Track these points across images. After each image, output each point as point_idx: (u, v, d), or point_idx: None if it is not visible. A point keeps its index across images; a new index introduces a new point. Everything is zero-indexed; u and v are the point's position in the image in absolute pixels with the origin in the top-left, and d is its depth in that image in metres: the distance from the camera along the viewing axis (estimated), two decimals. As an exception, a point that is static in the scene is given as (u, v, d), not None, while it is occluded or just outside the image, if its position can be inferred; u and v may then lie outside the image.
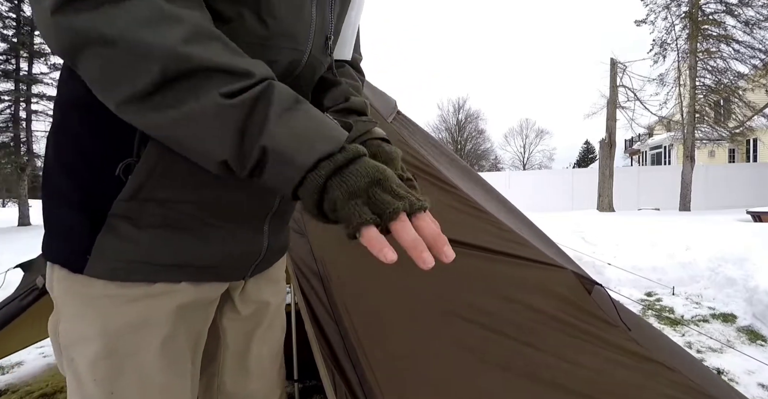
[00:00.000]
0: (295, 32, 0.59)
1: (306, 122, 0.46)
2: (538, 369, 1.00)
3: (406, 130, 1.74)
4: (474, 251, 1.22)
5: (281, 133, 0.44)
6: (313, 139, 0.45)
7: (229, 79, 0.44)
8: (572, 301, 1.11)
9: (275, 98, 0.45)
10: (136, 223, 0.57)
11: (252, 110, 0.44)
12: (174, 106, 0.44)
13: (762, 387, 2.63)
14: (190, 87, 0.43)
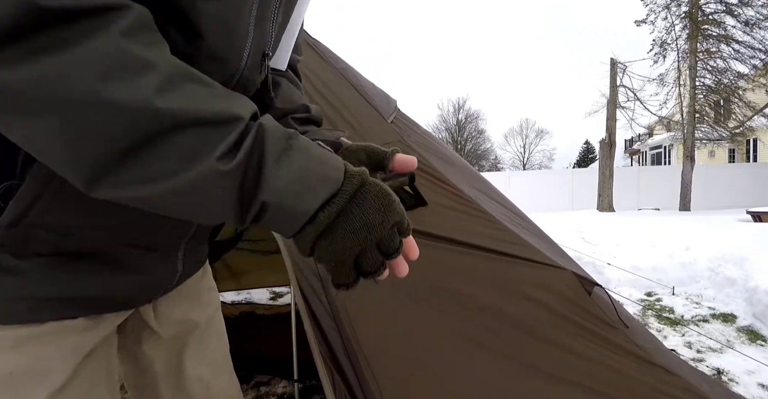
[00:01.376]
0: (225, 54, 0.50)
1: (303, 163, 0.42)
2: (539, 362, 1.00)
3: (406, 130, 1.74)
4: (474, 251, 1.22)
5: (280, 183, 0.40)
6: (313, 183, 0.42)
7: (220, 133, 0.38)
8: (573, 300, 1.11)
9: (269, 144, 0.40)
10: (19, 253, 0.47)
11: (248, 165, 0.39)
12: (162, 178, 0.37)
13: (762, 387, 2.63)
14: (178, 151, 0.36)
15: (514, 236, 1.28)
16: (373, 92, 1.88)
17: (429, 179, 1.43)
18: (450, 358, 1.01)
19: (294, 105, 0.70)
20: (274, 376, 2.57)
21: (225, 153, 0.38)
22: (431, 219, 1.30)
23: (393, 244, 0.48)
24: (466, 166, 1.95)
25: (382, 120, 1.69)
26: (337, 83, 1.77)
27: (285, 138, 0.42)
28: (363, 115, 1.67)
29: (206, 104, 0.38)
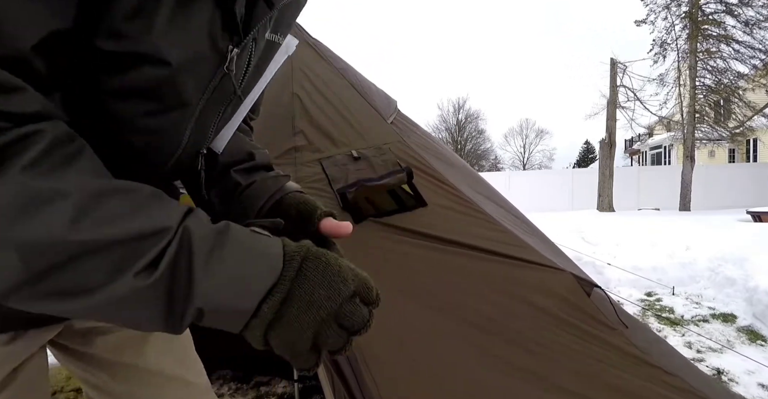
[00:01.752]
0: (154, 157, 0.48)
1: (238, 258, 0.39)
2: (538, 364, 1.00)
3: (406, 131, 1.74)
4: (473, 252, 1.22)
5: (213, 287, 0.37)
6: (250, 280, 0.39)
7: (139, 250, 0.36)
8: (572, 302, 1.11)
9: (196, 247, 0.38)
10: None
11: (174, 275, 0.37)
12: (81, 294, 0.35)
13: (762, 387, 2.63)
14: (93, 271, 0.34)
15: (513, 237, 1.28)
16: (374, 92, 1.88)
17: (428, 180, 1.43)
18: (448, 360, 1.01)
19: (238, 156, 0.67)
20: (274, 376, 2.57)
21: (144, 268, 0.36)
22: (430, 220, 1.30)
23: (356, 317, 0.43)
24: (465, 168, 1.95)
25: (382, 120, 1.69)
26: (337, 83, 1.77)
27: (214, 235, 0.39)
28: (363, 116, 1.67)
29: (124, 225, 0.36)
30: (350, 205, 1.32)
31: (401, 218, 1.30)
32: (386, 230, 1.27)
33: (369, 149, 1.49)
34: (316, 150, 1.51)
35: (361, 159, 1.44)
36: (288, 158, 1.50)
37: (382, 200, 1.42)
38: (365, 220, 1.30)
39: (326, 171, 1.43)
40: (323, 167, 1.44)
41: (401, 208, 1.35)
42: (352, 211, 1.31)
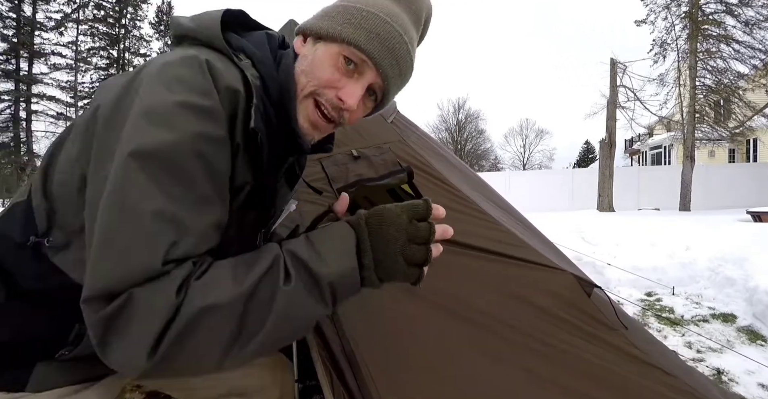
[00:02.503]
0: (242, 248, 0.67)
1: (324, 245, 0.61)
2: (538, 364, 1.00)
3: (405, 131, 1.73)
4: (473, 252, 1.22)
5: (324, 266, 0.59)
6: (340, 250, 0.60)
7: (274, 273, 0.57)
8: (572, 302, 1.11)
9: (299, 253, 0.59)
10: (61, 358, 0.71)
11: (300, 275, 0.58)
12: (267, 320, 0.56)
13: (762, 387, 2.63)
14: (261, 304, 0.56)
15: (513, 237, 1.28)
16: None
17: (428, 179, 1.43)
18: (448, 359, 1.01)
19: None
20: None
21: (284, 281, 0.56)
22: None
23: (422, 232, 0.61)
24: (465, 168, 1.95)
25: (382, 120, 1.68)
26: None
27: (304, 242, 0.61)
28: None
29: (256, 268, 0.57)
30: (350, 205, 1.32)
31: (401, 218, 1.30)
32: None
33: (369, 149, 1.49)
34: (316, 150, 1.51)
35: (361, 158, 1.44)
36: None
37: (381, 200, 1.42)
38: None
39: (326, 170, 1.42)
40: (323, 166, 1.44)
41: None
42: (352, 211, 1.31)
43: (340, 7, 0.72)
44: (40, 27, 18.62)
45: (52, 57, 19.19)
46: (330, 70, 0.70)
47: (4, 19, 17.12)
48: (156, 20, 25.81)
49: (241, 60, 0.68)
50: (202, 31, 0.69)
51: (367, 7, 0.71)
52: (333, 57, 0.70)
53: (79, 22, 20.72)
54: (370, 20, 0.70)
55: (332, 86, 0.70)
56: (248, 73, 0.66)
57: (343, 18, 0.71)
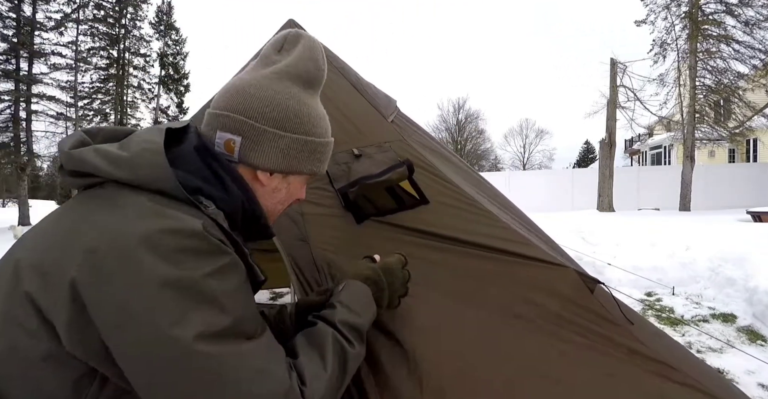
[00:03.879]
0: None
1: (358, 305, 0.83)
2: (543, 360, 1.00)
3: (406, 130, 1.73)
4: (475, 249, 1.21)
5: (366, 321, 0.82)
6: (370, 308, 0.86)
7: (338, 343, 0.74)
8: (575, 299, 1.11)
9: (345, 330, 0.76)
10: None
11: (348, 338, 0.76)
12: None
13: (762, 387, 2.63)
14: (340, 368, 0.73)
15: (515, 234, 1.28)
16: (373, 92, 1.88)
17: (430, 177, 1.43)
18: (450, 360, 1.01)
19: None
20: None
21: (349, 344, 0.75)
22: (433, 218, 1.30)
23: (405, 278, 0.96)
24: (465, 166, 1.95)
25: (382, 119, 1.68)
26: (338, 82, 1.76)
27: (343, 309, 0.79)
28: (363, 114, 1.67)
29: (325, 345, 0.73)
30: (352, 205, 1.32)
31: (403, 217, 1.30)
32: (388, 230, 1.27)
33: (370, 147, 1.49)
34: (316, 149, 1.51)
35: (362, 157, 1.44)
36: (289, 157, 1.49)
37: (381, 200, 1.41)
38: (367, 220, 1.30)
39: (328, 170, 1.42)
40: (324, 166, 1.44)
41: (401, 206, 1.35)
42: (353, 210, 1.31)
43: (300, 143, 0.77)
44: (40, 27, 18.60)
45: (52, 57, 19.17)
46: (300, 192, 0.86)
47: (4, 19, 17.11)
48: (156, 20, 25.78)
49: (208, 207, 0.68)
50: (147, 180, 0.64)
51: (325, 138, 0.81)
52: (304, 183, 0.86)
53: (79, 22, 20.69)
54: (328, 151, 0.84)
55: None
56: (221, 222, 0.68)
57: (309, 156, 0.79)
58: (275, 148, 0.74)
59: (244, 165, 0.75)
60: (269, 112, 0.73)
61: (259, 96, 0.73)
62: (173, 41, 26.45)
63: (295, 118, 0.75)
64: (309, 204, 1.32)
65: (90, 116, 22.38)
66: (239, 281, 0.65)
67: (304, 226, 1.30)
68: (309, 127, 0.77)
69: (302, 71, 0.78)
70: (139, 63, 24.87)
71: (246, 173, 0.76)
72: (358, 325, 0.77)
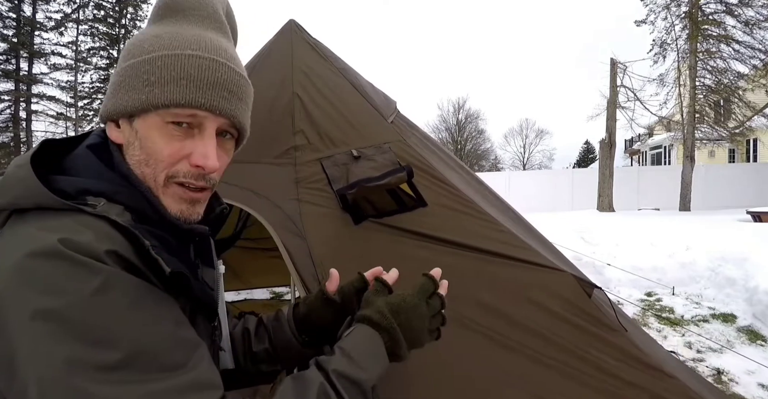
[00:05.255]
0: None
1: (363, 359, 0.64)
2: (541, 368, 1.00)
3: (405, 131, 1.73)
4: (473, 253, 1.21)
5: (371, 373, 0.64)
6: (379, 358, 0.67)
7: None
8: (574, 303, 1.11)
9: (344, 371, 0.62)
10: None
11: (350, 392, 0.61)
12: None
13: (762, 387, 2.63)
14: None
15: (514, 238, 1.28)
16: (373, 92, 1.88)
17: (429, 179, 1.43)
18: (448, 361, 1.01)
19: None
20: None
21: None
22: (432, 221, 1.30)
23: (435, 307, 0.73)
24: (464, 168, 1.95)
25: (382, 119, 1.68)
26: (338, 83, 1.76)
27: (342, 358, 0.64)
28: (363, 115, 1.67)
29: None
30: (350, 206, 1.32)
31: (401, 218, 1.30)
32: (386, 231, 1.27)
33: (369, 148, 1.49)
34: (316, 149, 1.51)
35: (361, 158, 1.44)
36: (288, 158, 1.50)
37: (381, 200, 1.41)
38: (365, 221, 1.30)
39: (326, 171, 1.42)
40: (323, 167, 1.44)
41: (401, 208, 1.35)
42: (351, 211, 1.31)
43: (128, 68, 0.60)
44: (40, 27, 18.62)
45: (52, 57, 19.20)
46: (167, 145, 0.59)
47: (4, 19, 17.12)
48: (156, 20, 25.82)
49: (95, 206, 0.55)
50: (21, 199, 0.54)
51: (158, 52, 0.59)
52: (159, 129, 0.59)
53: (79, 22, 20.71)
54: (169, 67, 0.58)
55: (180, 158, 0.60)
56: (114, 218, 0.54)
57: (139, 81, 0.59)
58: (111, 90, 0.62)
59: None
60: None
61: None
62: (173, 41, 26.42)
63: (124, 50, 0.62)
64: (307, 204, 1.32)
65: (90, 116, 22.38)
66: (129, 299, 0.50)
67: (302, 225, 1.30)
68: (133, 52, 0.61)
69: (155, 5, 0.66)
70: (139, 63, 24.85)
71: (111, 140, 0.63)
72: (359, 379, 0.61)
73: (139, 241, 0.54)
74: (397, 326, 0.68)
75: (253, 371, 0.85)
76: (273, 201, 1.34)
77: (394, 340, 0.68)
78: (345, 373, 0.61)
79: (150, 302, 0.52)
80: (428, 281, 0.73)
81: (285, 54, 1.77)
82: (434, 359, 0.99)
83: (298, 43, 1.83)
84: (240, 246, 3.61)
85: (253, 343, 0.85)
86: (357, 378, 0.61)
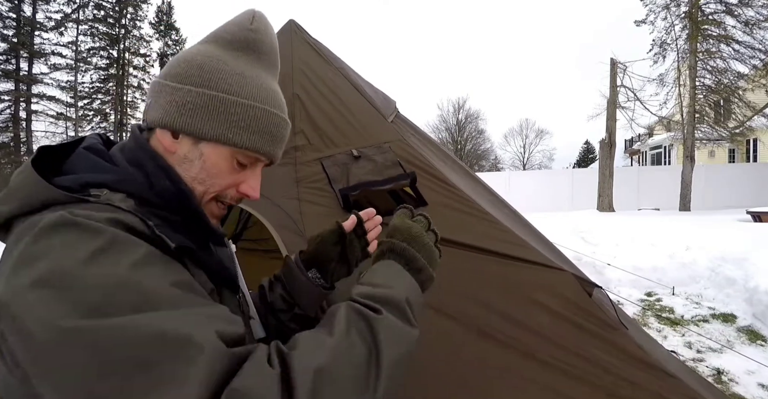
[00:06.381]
0: None
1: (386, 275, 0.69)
2: (542, 368, 1.00)
3: (405, 131, 1.74)
4: (474, 252, 1.21)
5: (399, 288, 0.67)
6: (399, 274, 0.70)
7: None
8: (575, 302, 1.11)
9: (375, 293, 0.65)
10: None
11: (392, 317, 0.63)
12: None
13: (762, 387, 2.63)
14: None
15: (514, 237, 1.28)
16: (373, 92, 1.88)
17: (429, 179, 1.43)
18: (447, 361, 1.01)
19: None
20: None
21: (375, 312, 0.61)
22: (433, 221, 1.30)
23: (424, 222, 0.80)
24: (463, 168, 1.95)
25: (382, 119, 1.68)
26: (337, 82, 1.76)
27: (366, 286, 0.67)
28: (363, 114, 1.67)
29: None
30: (351, 206, 1.32)
31: (401, 218, 1.30)
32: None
33: (369, 148, 1.49)
34: (316, 149, 1.51)
35: (361, 158, 1.44)
36: (288, 158, 1.50)
37: (382, 201, 1.41)
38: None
39: (326, 171, 1.42)
40: (323, 167, 1.44)
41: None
42: (352, 211, 1.31)
43: (213, 99, 0.66)
44: (40, 27, 18.63)
45: (52, 57, 19.22)
46: (229, 175, 0.70)
47: (4, 19, 17.14)
48: (156, 20, 25.81)
49: (99, 196, 0.59)
50: (29, 200, 0.57)
51: (248, 100, 0.67)
52: (227, 162, 0.68)
53: (79, 22, 20.72)
54: (259, 120, 0.68)
55: (233, 186, 0.71)
56: (117, 204, 0.59)
57: (227, 120, 0.66)
58: (170, 101, 0.66)
59: (153, 131, 0.69)
60: (174, 68, 0.68)
61: (175, 57, 0.70)
62: (173, 41, 26.47)
63: (198, 71, 0.67)
64: (307, 203, 1.32)
65: (90, 116, 22.39)
66: (137, 255, 0.53)
67: (303, 224, 1.30)
68: (216, 82, 0.66)
69: (225, 32, 0.72)
70: (139, 63, 24.90)
71: (157, 143, 0.69)
72: (387, 295, 0.63)
73: (144, 223, 0.58)
74: (397, 241, 0.72)
75: (277, 327, 0.88)
76: (273, 201, 1.34)
77: (406, 256, 0.71)
78: (369, 293, 0.63)
79: (158, 261, 0.55)
80: (403, 209, 0.81)
81: (285, 54, 1.77)
82: (430, 356, 0.99)
83: (297, 43, 1.83)
84: (240, 247, 3.62)
85: (268, 295, 0.91)
86: (384, 295, 0.63)
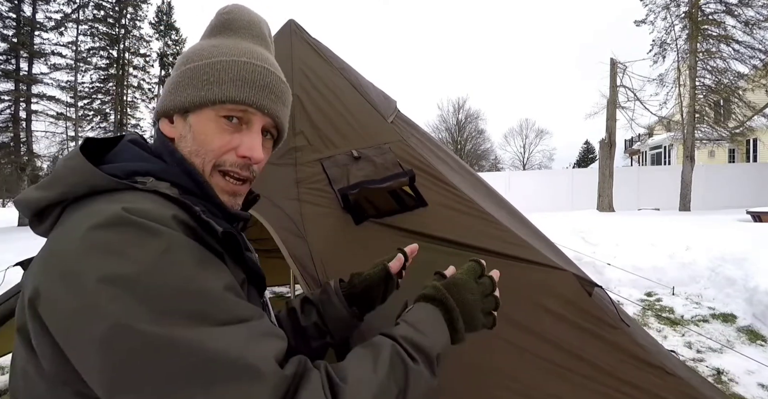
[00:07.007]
0: None
1: (428, 323, 0.68)
2: (542, 368, 1.00)
3: (405, 131, 1.73)
4: (474, 252, 1.22)
5: (435, 341, 0.66)
6: (439, 329, 0.69)
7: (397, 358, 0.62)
8: (574, 302, 1.11)
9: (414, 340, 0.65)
10: None
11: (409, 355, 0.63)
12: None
13: (762, 387, 2.63)
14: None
15: (514, 237, 1.28)
16: (373, 92, 1.88)
17: (429, 179, 1.43)
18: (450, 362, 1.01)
19: None
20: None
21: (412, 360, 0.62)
22: (433, 221, 1.30)
23: (487, 286, 0.76)
24: (464, 167, 1.95)
25: (382, 120, 1.68)
26: (337, 83, 1.76)
27: (409, 328, 0.67)
28: (363, 115, 1.67)
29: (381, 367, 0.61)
30: (351, 206, 1.32)
31: (402, 219, 1.30)
32: (387, 231, 1.27)
33: (369, 149, 1.49)
34: (316, 150, 1.51)
35: (361, 158, 1.44)
36: (288, 158, 1.50)
37: (382, 201, 1.41)
38: (366, 221, 1.30)
39: (327, 171, 1.42)
40: (324, 167, 1.44)
41: (402, 208, 1.35)
42: (353, 211, 1.31)
43: (188, 71, 0.69)
44: (40, 27, 18.62)
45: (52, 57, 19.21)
46: (218, 137, 0.67)
47: (4, 19, 17.13)
48: (156, 20, 25.80)
49: (145, 183, 0.61)
50: (77, 186, 0.58)
51: (217, 58, 0.68)
52: (212, 122, 0.67)
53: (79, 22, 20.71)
54: (228, 70, 0.67)
55: (228, 149, 0.68)
56: (164, 191, 0.60)
57: (199, 81, 0.67)
58: (168, 90, 0.70)
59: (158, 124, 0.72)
60: (178, 61, 0.72)
61: None
62: (173, 41, 26.45)
63: (181, 58, 0.72)
64: (307, 204, 1.32)
65: (90, 116, 22.38)
66: (193, 259, 0.53)
67: (303, 225, 1.30)
68: (191, 58, 0.70)
69: (206, 27, 0.77)
70: (139, 63, 24.87)
71: (163, 133, 0.71)
72: (423, 345, 0.64)
73: (191, 210, 0.59)
74: (450, 297, 0.71)
75: (302, 349, 0.86)
76: (274, 201, 1.34)
77: (450, 312, 0.70)
78: (412, 339, 0.64)
79: (211, 264, 0.56)
80: (475, 263, 0.77)
81: (285, 54, 1.77)
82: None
83: (297, 43, 1.83)
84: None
85: (300, 319, 0.89)
86: (422, 344, 0.64)
